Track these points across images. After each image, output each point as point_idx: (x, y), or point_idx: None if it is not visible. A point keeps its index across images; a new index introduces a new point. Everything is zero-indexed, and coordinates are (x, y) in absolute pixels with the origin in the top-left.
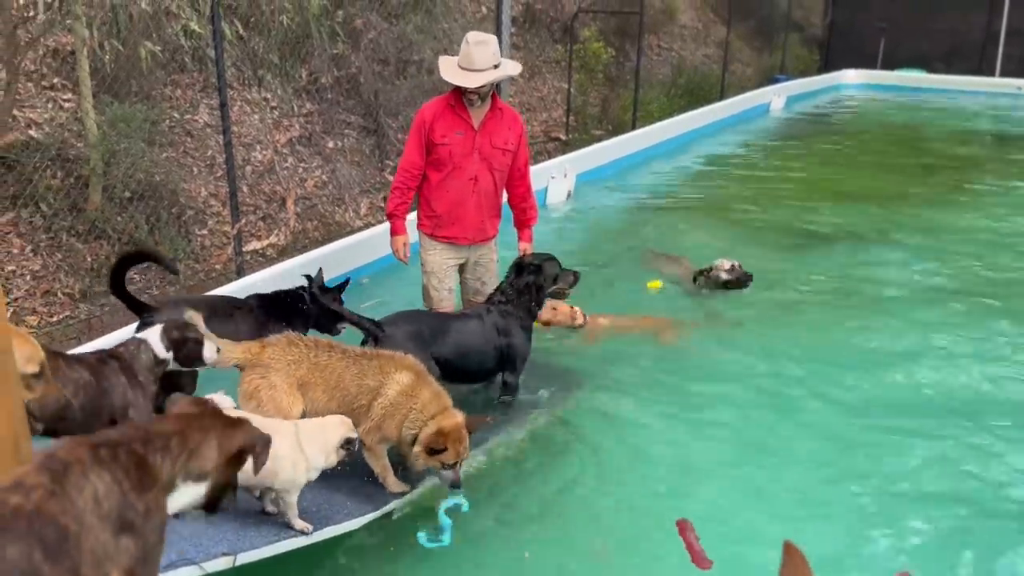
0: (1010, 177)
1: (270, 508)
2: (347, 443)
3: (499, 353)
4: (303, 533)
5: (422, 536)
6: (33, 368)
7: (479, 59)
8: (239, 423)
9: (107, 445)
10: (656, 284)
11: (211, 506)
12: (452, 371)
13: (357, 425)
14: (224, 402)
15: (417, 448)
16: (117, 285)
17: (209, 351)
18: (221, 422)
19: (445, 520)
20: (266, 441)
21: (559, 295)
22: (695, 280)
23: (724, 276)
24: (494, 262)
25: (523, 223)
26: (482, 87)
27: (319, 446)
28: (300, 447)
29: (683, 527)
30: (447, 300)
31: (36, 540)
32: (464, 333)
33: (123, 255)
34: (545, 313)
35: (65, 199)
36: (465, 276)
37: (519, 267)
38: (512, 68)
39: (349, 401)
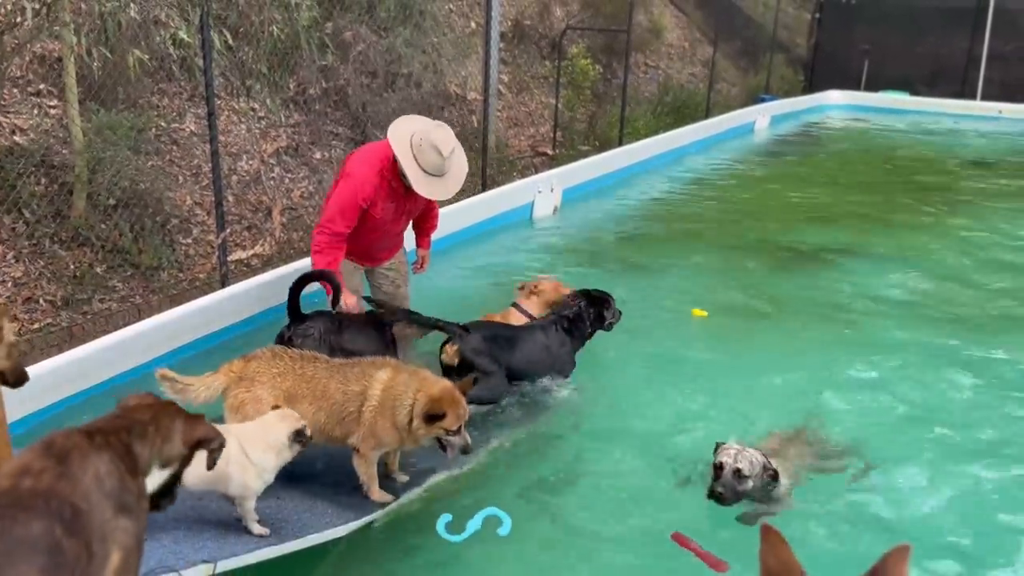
0: (989, 199)
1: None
2: (297, 435)
3: (552, 364)
4: (261, 537)
5: (442, 521)
6: (14, 339)
7: (454, 166)
8: (198, 418)
9: (100, 433)
10: (701, 313)
11: (162, 496)
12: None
13: (350, 434)
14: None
15: (416, 422)
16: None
17: None
18: (183, 414)
19: (474, 524)
20: (222, 441)
21: (607, 329)
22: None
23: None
24: (405, 264)
25: (424, 230)
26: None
27: (263, 446)
28: (243, 451)
29: (681, 539)
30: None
31: (55, 517)
32: (530, 344)
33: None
34: None
35: (49, 206)
36: (376, 281)
37: (591, 298)
38: (463, 164)
39: (337, 410)
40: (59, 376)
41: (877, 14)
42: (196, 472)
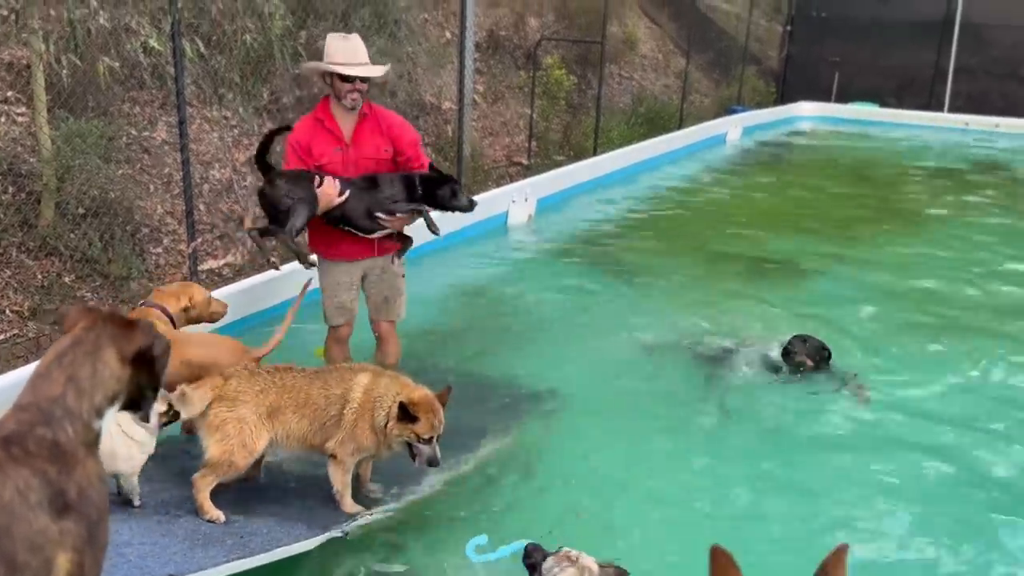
0: (955, 209)
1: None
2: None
3: None
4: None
5: (472, 544)
6: None
7: (362, 53)
8: (131, 325)
9: (15, 441)
10: None
11: (135, 408)
12: None
13: (329, 439)
14: None
15: (390, 423)
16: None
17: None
18: (111, 330)
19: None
20: (166, 344)
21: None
22: None
23: None
24: (399, 277)
25: None
26: (376, 77)
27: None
28: (123, 430)
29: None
30: (343, 317)
31: None
32: None
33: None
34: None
35: (16, 215)
36: (368, 291)
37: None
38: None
39: (319, 415)
40: None
41: (847, 27)
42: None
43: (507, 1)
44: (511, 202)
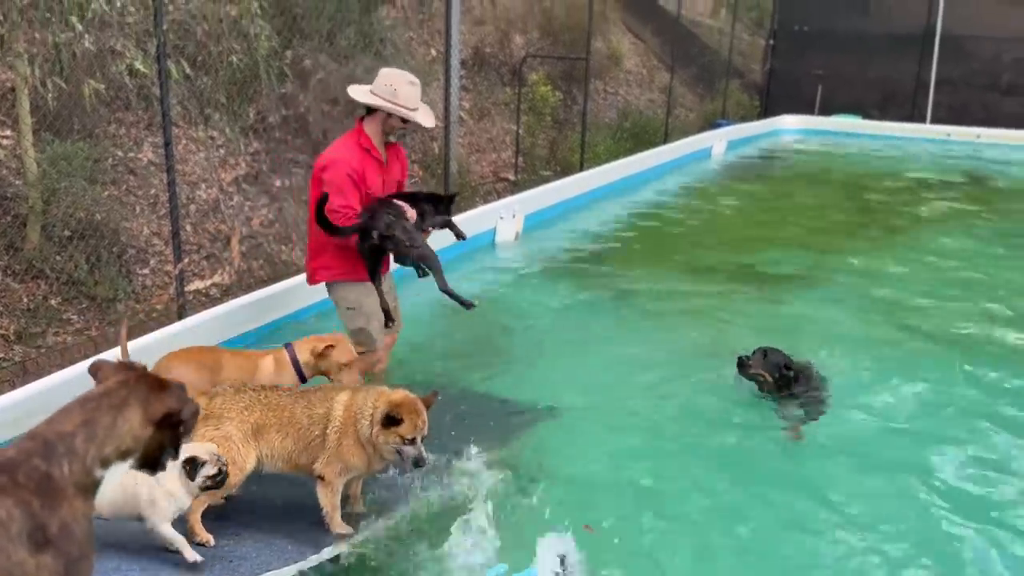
0: (940, 219)
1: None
2: (187, 463)
3: None
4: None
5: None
6: None
7: (419, 97)
8: (164, 387)
9: (6, 470)
10: None
11: (151, 467)
12: None
13: (315, 460)
14: None
15: (375, 429)
16: None
17: None
18: (142, 390)
19: None
20: (194, 410)
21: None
22: None
23: None
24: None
25: None
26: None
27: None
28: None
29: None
30: (384, 334)
31: None
32: None
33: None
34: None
35: (1, 238)
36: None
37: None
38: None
39: (303, 434)
40: (12, 413)
41: (829, 41)
42: (108, 499)
43: (492, 19)
44: (499, 219)
